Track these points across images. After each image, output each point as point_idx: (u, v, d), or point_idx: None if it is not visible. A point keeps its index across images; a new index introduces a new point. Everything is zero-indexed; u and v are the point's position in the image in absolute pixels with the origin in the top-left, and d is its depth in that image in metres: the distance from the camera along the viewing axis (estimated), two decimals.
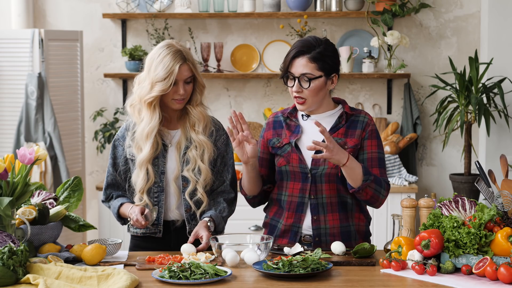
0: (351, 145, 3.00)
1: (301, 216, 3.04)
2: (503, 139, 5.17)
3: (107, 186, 3.22)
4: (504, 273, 2.48)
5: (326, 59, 2.98)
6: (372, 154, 3.03)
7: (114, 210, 3.16)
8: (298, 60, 2.96)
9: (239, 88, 5.58)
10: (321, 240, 3.02)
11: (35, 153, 2.77)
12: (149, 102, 3.05)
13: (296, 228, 3.05)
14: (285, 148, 3.07)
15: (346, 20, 5.49)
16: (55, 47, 5.11)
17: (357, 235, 3.07)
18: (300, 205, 3.04)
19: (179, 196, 3.13)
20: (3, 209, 2.68)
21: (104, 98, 5.64)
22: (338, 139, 3.01)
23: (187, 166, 3.11)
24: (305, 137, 3.06)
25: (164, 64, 3.01)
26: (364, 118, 3.05)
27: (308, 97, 2.98)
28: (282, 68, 3.01)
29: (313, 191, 3.02)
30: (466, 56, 5.35)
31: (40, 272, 2.57)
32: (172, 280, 2.54)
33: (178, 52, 3.04)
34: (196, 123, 3.13)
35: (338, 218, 3.03)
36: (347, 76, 5.35)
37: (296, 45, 2.99)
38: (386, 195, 3.01)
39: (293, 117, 3.11)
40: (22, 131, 4.97)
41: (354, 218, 3.06)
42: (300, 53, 2.96)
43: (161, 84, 3.02)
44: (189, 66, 3.06)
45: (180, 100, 3.08)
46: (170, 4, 5.45)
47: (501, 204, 2.79)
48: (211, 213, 3.08)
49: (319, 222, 3.02)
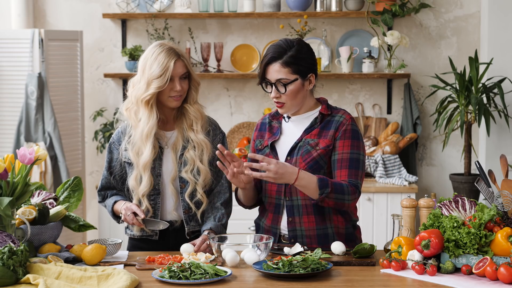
0: (322, 146, 2.98)
1: (279, 218, 3.05)
2: (503, 139, 5.17)
3: (102, 188, 3.21)
4: (504, 273, 2.48)
5: (299, 61, 2.96)
6: (342, 155, 2.98)
7: (109, 208, 3.16)
8: (271, 67, 2.96)
9: (239, 88, 5.58)
10: (297, 241, 3.00)
11: (35, 153, 2.77)
12: (147, 100, 3.04)
13: (275, 229, 3.06)
14: (264, 150, 3.08)
15: (346, 20, 5.49)
16: (55, 47, 5.11)
17: (337, 237, 3.02)
18: (277, 207, 3.04)
19: (177, 198, 3.12)
20: (3, 209, 2.68)
21: (104, 98, 5.64)
22: (310, 140, 3.00)
23: (185, 167, 3.10)
24: (283, 138, 3.06)
25: (159, 61, 3.02)
26: (340, 118, 3.01)
27: (287, 101, 2.98)
28: (259, 75, 3.01)
29: (288, 193, 3.02)
30: (466, 56, 5.35)
31: (40, 272, 2.56)
32: (172, 280, 2.54)
33: (171, 49, 3.05)
34: (193, 122, 3.12)
35: (313, 221, 3.00)
36: (347, 76, 5.35)
37: (267, 51, 2.98)
38: (354, 198, 2.94)
39: (276, 119, 3.12)
40: (22, 131, 4.97)
41: (332, 220, 3.02)
42: (272, 59, 2.95)
43: (157, 81, 3.02)
44: (183, 62, 3.07)
45: (177, 97, 3.08)
46: (170, 4, 5.45)
47: (501, 204, 2.79)
48: (211, 225, 3.07)
49: (294, 223, 3.01)
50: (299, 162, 2.97)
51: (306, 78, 2.99)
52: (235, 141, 5.55)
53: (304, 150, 2.99)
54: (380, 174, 5.13)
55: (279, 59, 2.95)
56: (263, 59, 2.99)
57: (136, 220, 3.02)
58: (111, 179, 3.18)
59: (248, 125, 5.56)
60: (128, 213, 3.02)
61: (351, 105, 5.47)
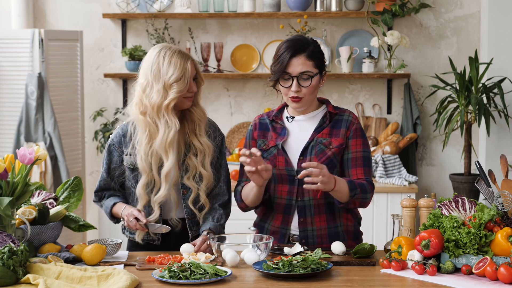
0: (336, 145, 3.00)
1: (289, 218, 3.04)
2: (503, 139, 5.17)
3: (99, 189, 3.17)
4: (504, 273, 2.48)
5: (319, 56, 2.99)
6: (356, 154, 3.02)
7: (107, 210, 3.12)
8: (296, 59, 2.95)
9: (239, 88, 5.58)
10: (308, 242, 3.02)
11: (35, 153, 2.77)
12: (168, 105, 2.97)
13: (284, 230, 3.05)
14: (271, 150, 3.05)
15: (346, 20, 5.49)
16: (55, 47, 5.11)
17: (346, 235, 3.06)
18: (288, 207, 3.03)
19: (179, 203, 3.10)
20: (3, 209, 2.68)
21: (104, 98, 5.64)
22: (323, 139, 3.01)
23: (187, 174, 3.06)
24: (291, 139, 3.05)
25: (176, 65, 2.97)
26: (348, 117, 3.05)
27: (305, 95, 2.97)
28: (277, 69, 2.96)
29: (300, 194, 3.01)
30: (466, 56, 5.35)
31: (40, 272, 2.56)
32: (172, 280, 2.53)
33: (180, 51, 3.02)
34: (197, 125, 3.08)
35: (325, 220, 3.02)
36: (347, 76, 5.35)
37: (289, 45, 2.97)
38: (372, 196, 3.01)
39: (278, 119, 3.10)
40: (22, 131, 4.97)
41: (342, 218, 3.06)
42: (297, 51, 2.95)
43: (177, 85, 2.97)
44: (194, 63, 3.05)
45: (190, 98, 3.04)
46: (170, 4, 5.45)
47: (501, 204, 2.79)
48: (210, 226, 3.05)
49: (305, 224, 3.02)
50: (314, 161, 2.95)
51: (322, 75, 3.02)
52: (235, 141, 5.55)
53: (318, 149, 2.99)
54: (380, 174, 5.13)
55: (304, 52, 2.95)
56: (282, 53, 2.95)
57: (139, 226, 2.99)
58: (111, 182, 3.14)
59: (248, 125, 5.56)
60: (131, 219, 2.98)
61: (351, 105, 5.47)
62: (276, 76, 2.97)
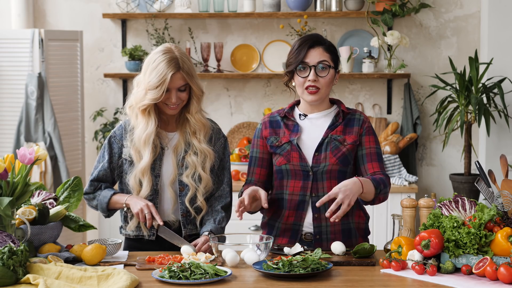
0: (350, 142, 3.06)
1: (302, 214, 3.05)
2: (503, 139, 5.17)
3: (96, 179, 3.14)
4: (504, 273, 2.48)
5: (335, 52, 3.09)
6: (370, 150, 3.09)
7: (104, 199, 3.09)
8: (314, 50, 3.03)
9: (239, 88, 5.58)
10: (322, 238, 3.03)
11: (35, 153, 2.77)
12: (143, 109, 3.03)
13: (297, 227, 3.06)
14: (284, 147, 3.07)
15: (346, 20, 5.49)
16: (55, 47, 5.11)
17: (357, 232, 3.09)
18: (301, 203, 3.04)
19: (176, 201, 3.10)
20: (3, 209, 2.68)
21: (104, 98, 5.64)
22: (337, 136, 3.05)
23: (186, 171, 3.07)
24: (304, 136, 3.08)
25: (158, 72, 2.97)
26: (360, 116, 3.12)
27: (323, 87, 3.03)
28: (294, 60, 3.03)
29: (315, 189, 3.04)
30: (466, 56, 5.35)
31: (40, 272, 2.56)
32: (172, 280, 2.54)
33: (173, 60, 2.98)
34: (197, 131, 3.09)
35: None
36: (347, 76, 5.34)
37: (306, 38, 3.06)
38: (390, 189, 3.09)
39: (290, 116, 3.13)
40: (22, 131, 4.97)
41: (354, 216, 3.09)
42: (316, 43, 3.04)
43: (152, 93, 2.98)
44: (182, 75, 3.00)
45: (173, 107, 3.04)
46: (170, 4, 5.45)
47: (501, 204, 2.79)
48: (211, 227, 3.05)
49: (320, 220, 3.03)
50: (329, 157, 3.02)
51: (336, 72, 3.08)
52: (235, 141, 5.55)
53: (333, 146, 3.04)
54: None
55: (321, 45, 3.05)
56: (301, 45, 3.03)
57: (150, 222, 3.00)
58: (110, 173, 3.13)
59: (248, 125, 5.56)
60: (146, 211, 3.00)
61: (351, 105, 5.47)
62: (293, 67, 3.04)
